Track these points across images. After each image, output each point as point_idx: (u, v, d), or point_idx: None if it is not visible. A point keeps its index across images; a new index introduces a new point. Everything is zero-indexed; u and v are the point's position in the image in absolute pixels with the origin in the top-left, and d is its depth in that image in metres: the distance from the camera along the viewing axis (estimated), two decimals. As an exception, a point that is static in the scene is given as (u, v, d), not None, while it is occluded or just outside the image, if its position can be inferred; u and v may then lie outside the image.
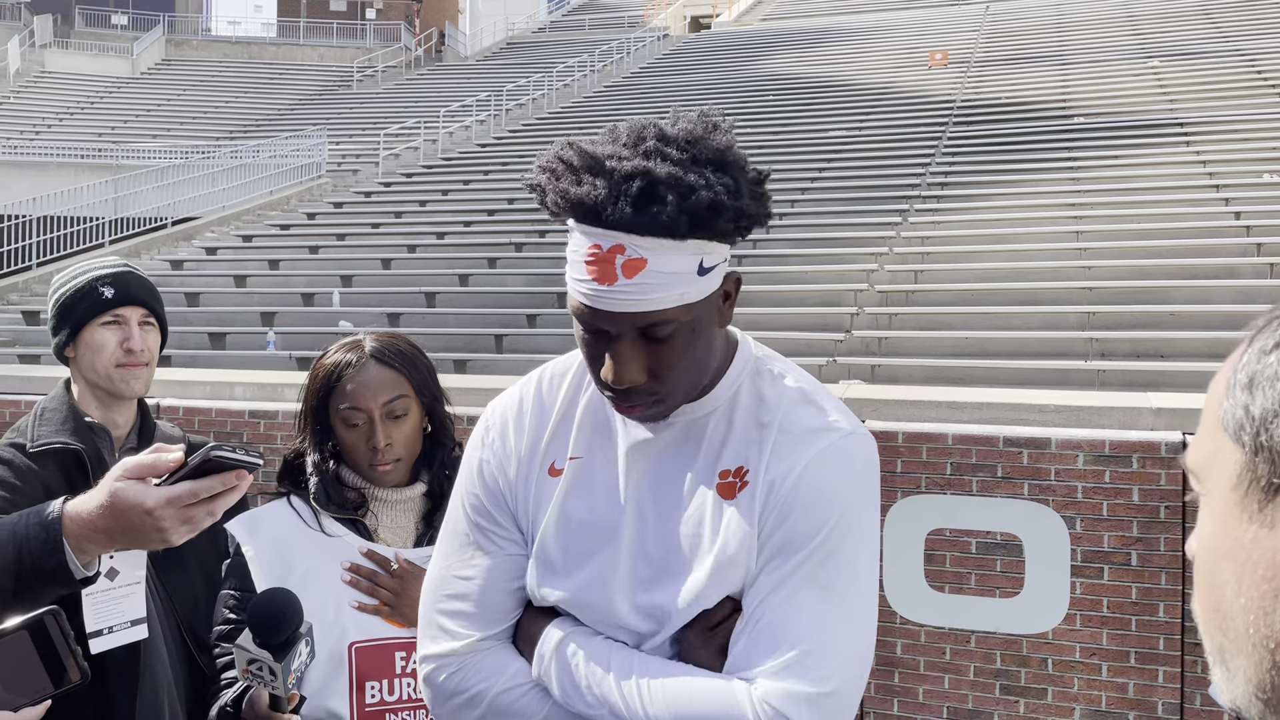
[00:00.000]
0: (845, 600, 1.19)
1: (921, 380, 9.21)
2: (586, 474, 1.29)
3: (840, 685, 1.16)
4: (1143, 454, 4.04)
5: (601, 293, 1.16)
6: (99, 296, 1.95)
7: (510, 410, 1.36)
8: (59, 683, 1.06)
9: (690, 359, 1.20)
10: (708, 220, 1.15)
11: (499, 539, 1.32)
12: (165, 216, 19.03)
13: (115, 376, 1.95)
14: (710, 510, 1.23)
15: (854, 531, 1.21)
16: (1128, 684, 4.03)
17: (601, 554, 1.26)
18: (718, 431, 1.26)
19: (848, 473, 1.22)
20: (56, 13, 36.06)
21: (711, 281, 1.20)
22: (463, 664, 1.28)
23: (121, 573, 1.67)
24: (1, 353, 12.43)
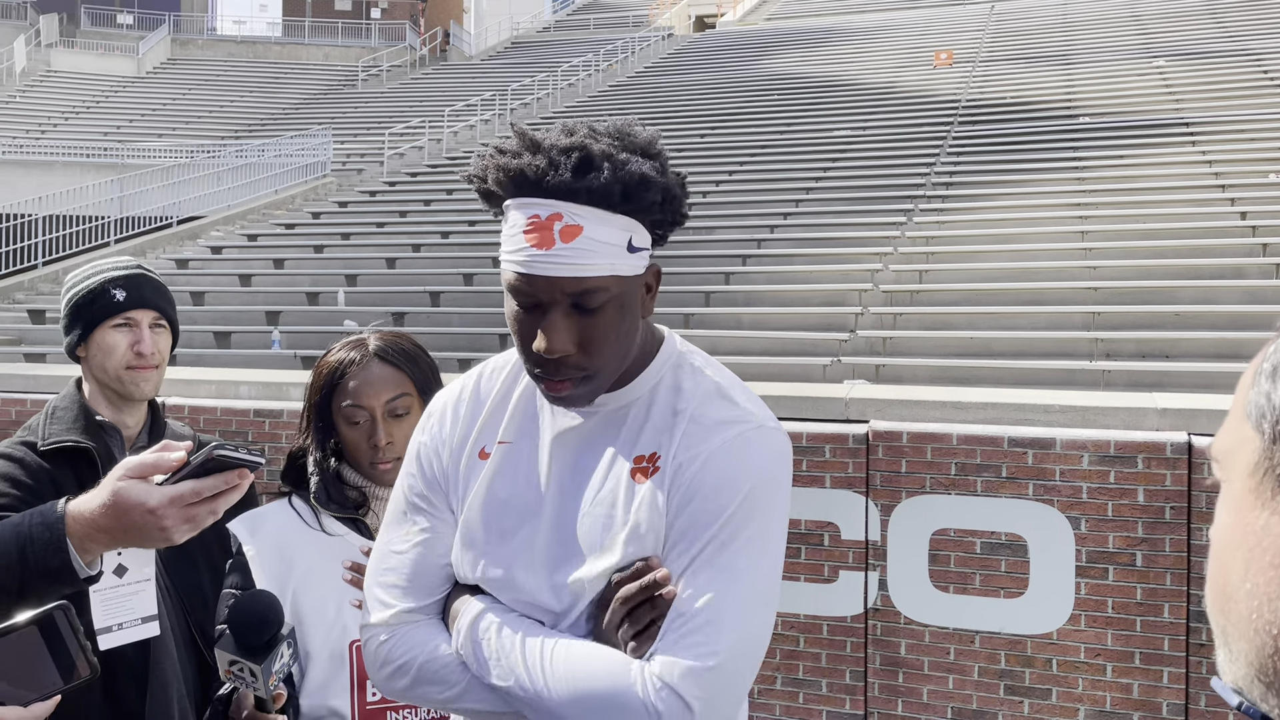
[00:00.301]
0: (740, 581, 1.23)
1: (926, 380, 9.20)
2: (513, 458, 1.36)
3: (726, 660, 1.21)
4: (1148, 454, 4.03)
5: (539, 258, 1.23)
6: (111, 299, 1.96)
7: (450, 400, 1.44)
8: (69, 678, 1.06)
9: (617, 337, 1.27)
10: (639, 191, 1.23)
11: (432, 517, 1.39)
12: (170, 215, 19.06)
13: (125, 378, 1.96)
14: (623, 492, 1.28)
15: (756, 517, 1.25)
16: (1132, 685, 4.02)
17: (520, 533, 1.33)
18: (637, 420, 1.32)
19: (753, 461, 1.27)
20: (62, 12, 36.14)
21: (638, 262, 1.28)
22: (393, 633, 1.36)
23: (130, 569, 1.68)
24: (7, 351, 12.45)
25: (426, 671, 1.33)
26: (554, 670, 1.25)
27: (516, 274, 1.27)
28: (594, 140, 1.26)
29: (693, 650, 1.21)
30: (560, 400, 1.30)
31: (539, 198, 1.24)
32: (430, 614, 1.38)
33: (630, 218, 1.26)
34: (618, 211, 1.24)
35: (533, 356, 1.27)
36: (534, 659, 1.26)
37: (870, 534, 4.37)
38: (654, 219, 1.28)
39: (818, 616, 4.42)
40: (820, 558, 4.40)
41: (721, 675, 1.22)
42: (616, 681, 1.22)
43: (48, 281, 16.44)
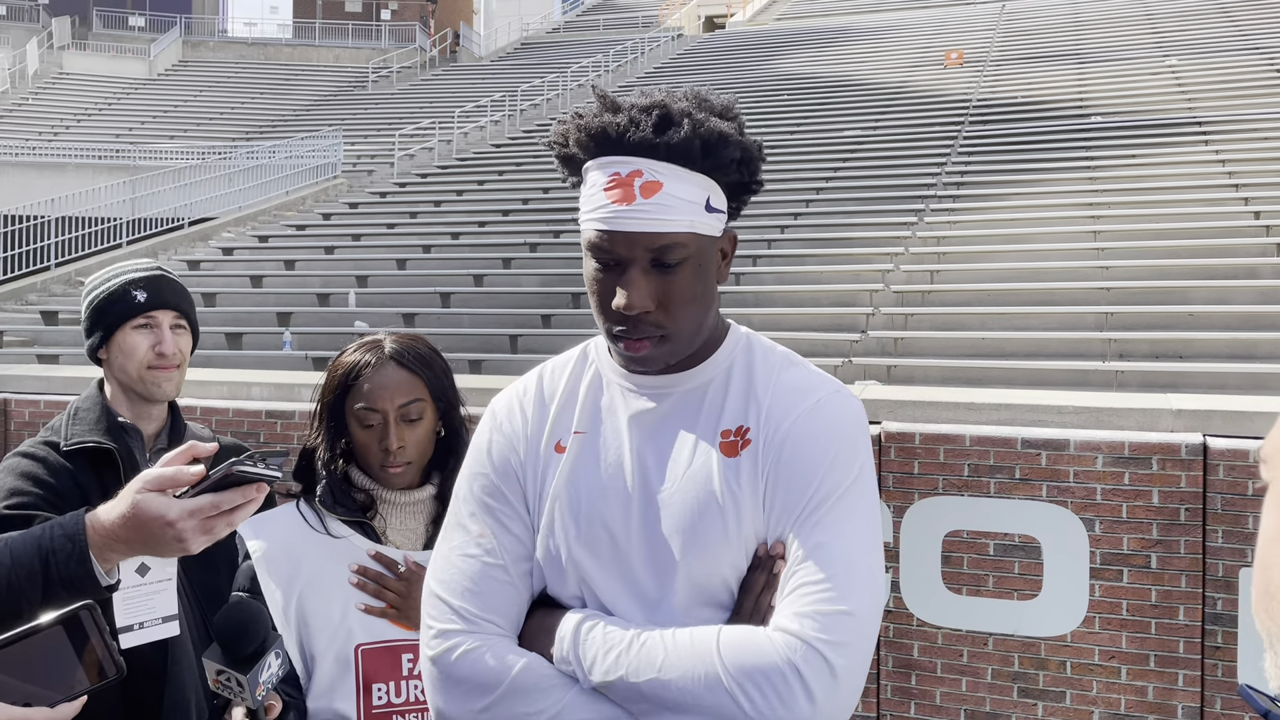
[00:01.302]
0: (848, 533, 1.24)
1: (937, 381, 9.17)
2: (591, 446, 1.33)
3: (857, 606, 1.20)
4: (1162, 456, 4.01)
5: (620, 213, 1.25)
6: (132, 300, 1.97)
7: (515, 398, 1.42)
8: (95, 678, 1.06)
9: (694, 297, 1.27)
10: (718, 148, 1.26)
11: (507, 518, 1.34)
12: (182, 217, 19.13)
13: (147, 379, 1.98)
14: (717, 469, 1.27)
15: (850, 472, 1.27)
16: (1147, 687, 4.00)
17: (609, 519, 1.29)
18: (716, 397, 1.32)
19: (838, 423, 1.29)
20: (74, 14, 36.31)
21: (715, 223, 1.29)
22: (476, 644, 1.27)
23: (153, 569, 1.69)
24: (21, 352, 12.51)
25: (520, 684, 1.24)
26: (670, 651, 1.20)
27: (597, 231, 1.27)
28: (673, 101, 1.28)
29: (822, 601, 1.19)
30: (637, 360, 1.29)
31: (620, 155, 1.26)
32: (509, 629, 1.30)
33: (708, 176, 1.27)
34: (697, 169, 1.26)
35: (611, 315, 1.27)
36: (650, 645, 1.21)
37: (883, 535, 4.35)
38: (731, 180, 1.29)
39: (830, 618, 4.40)
40: (832, 559, 4.38)
41: (856, 621, 1.20)
42: (746, 647, 1.19)
43: (60, 283, 16.52)
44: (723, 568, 1.26)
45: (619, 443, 1.32)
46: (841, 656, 1.18)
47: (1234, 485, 3.92)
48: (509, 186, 18.85)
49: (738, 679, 1.17)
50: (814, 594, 1.20)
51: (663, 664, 1.19)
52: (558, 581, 1.32)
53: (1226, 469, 3.93)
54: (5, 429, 5.74)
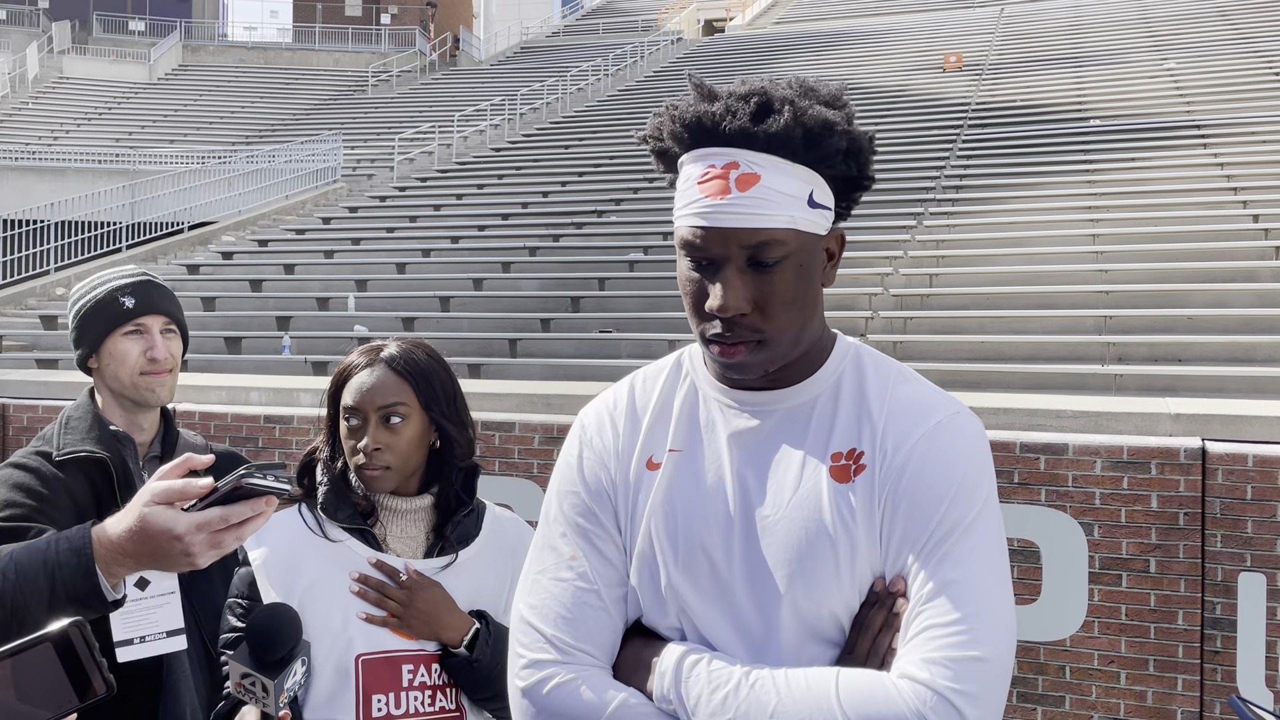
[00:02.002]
0: (977, 568, 1.14)
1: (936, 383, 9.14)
2: (687, 465, 1.24)
3: (989, 651, 1.10)
4: (1161, 460, 4.01)
5: (714, 207, 1.15)
6: (120, 307, 1.96)
7: (605, 410, 1.32)
8: (84, 696, 1.05)
9: (795, 300, 1.17)
10: (821, 137, 1.16)
11: (600, 540, 1.25)
12: (182, 221, 19.14)
13: (140, 385, 1.97)
14: (827, 495, 1.18)
15: (975, 502, 1.17)
16: (1146, 692, 4.00)
17: (708, 544, 1.21)
18: (825, 415, 1.22)
19: (961, 447, 1.19)
20: (74, 19, 36.34)
21: (819, 220, 1.19)
22: (570, 676, 1.19)
23: (153, 582, 1.68)
24: (20, 357, 12.51)
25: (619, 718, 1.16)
26: (784, 695, 1.10)
27: (690, 227, 1.17)
28: (775, 88, 1.20)
29: (953, 646, 1.09)
30: (733, 367, 1.20)
31: (715, 146, 1.18)
32: (604, 660, 1.21)
33: (812, 169, 1.18)
34: (798, 161, 1.17)
35: (705, 317, 1.18)
36: (762, 687, 1.11)
37: (881, 540, 4.35)
38: (837, 172, 1.20)
39: (829, 623, 4.40)
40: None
41: (989, 667, 1.10)
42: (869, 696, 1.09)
43: (60, 287, 16.51)
44: (833, 603, 1.16)
45: (719, 462, 1.23)
46: (975, 708, 1.08)
47: (1233, 490, 3.92)
48: (508, 190, 18.86)
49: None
50: (944, 638, 1.10)
51: (775, 709, 1.10)
52: (655, 609, 1.23)
53: (1225, 473, 3.93)
54: (4, 434, 5.74)
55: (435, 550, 1.83)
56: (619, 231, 15.68)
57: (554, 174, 19.25)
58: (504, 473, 4.89)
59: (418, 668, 1.74)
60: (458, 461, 1.85)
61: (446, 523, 1.84)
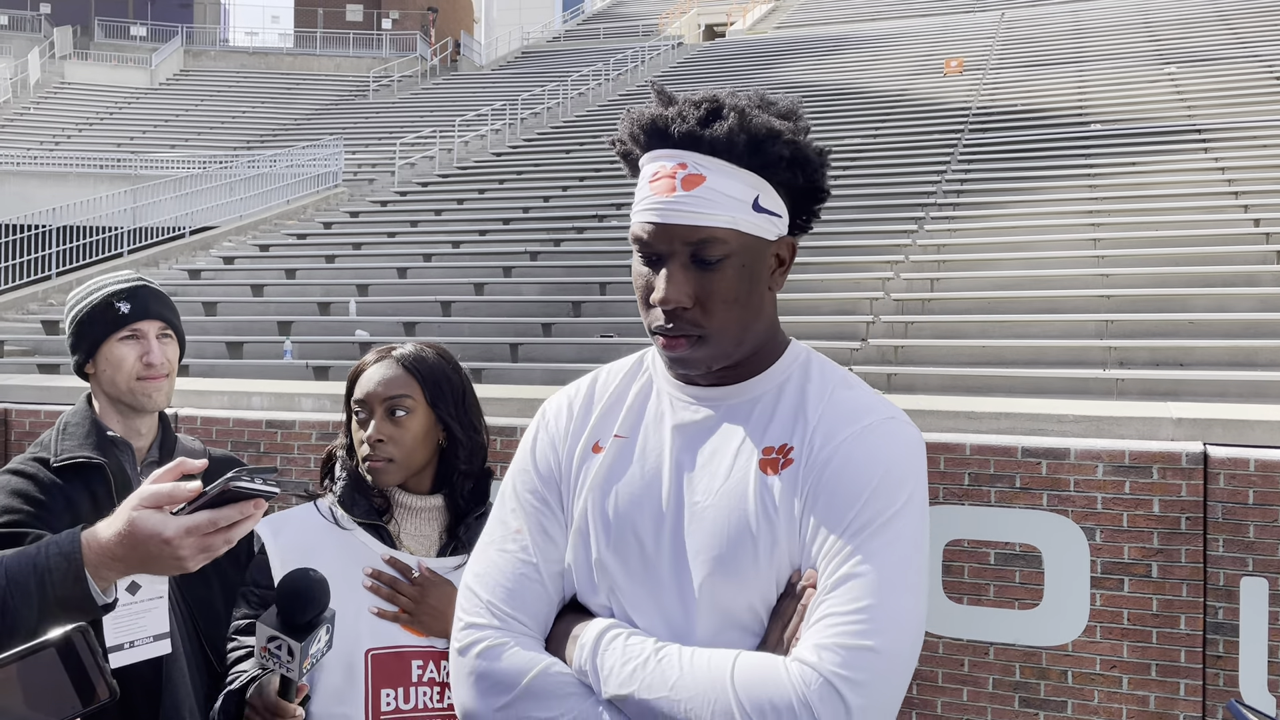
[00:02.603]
0: (886, 564, 1.16)
1: (938, 389, 9.17)
2: (630, 450, 1.31)
3: (884, 642, 1.13)
4: (1163, 464, 4.01)
5: (661, 205, 1.22)
6: (116, 313, 1.96)
7: (566, 397, 1.40)
8: (88, 701, 1.06)
9: (737, 299, 1.23)
10: (764, 143, 1.22)
11: (544, 518, 1.32)
12: (183, 226, 19.15)
13: (137, 390, 1.96)
14: (753, 485, 1.22)
15: (894, 501, 1.19)
16: (1149, 697, 3.99)
17: (640, 526, 1.26)
18: (764, 412, 1.27)
19: (886, 448, 1.22)
20: (76, 24, 36.41)
21: (765, 224, 1.24)
22: (500, 640, 1.25)
23: (144, 587, 1.68)
24: (21, 362, 12.52)
25: (536, 687, 1.21)
26: (685, 671, 1.16)
27: (640, 223, 1.25)
28: (729, 97, 1.26)
29: (846, 634, 1.13)
30: (676, 361, 1.26)
31: (667, 148, 1.25)
32: (536, 630, 1.28)
33: (757, 175, 1.23)
34: (744, 166, 1.23)
35: (650, 309, 1.26)
36: (668, 663, 1.17)
37: (883, 545, 4.34)
38: (783, 179, 1.25)
39: (830, 628, 4.40)
40: (833, 569, 4.38)
41: (881, 658, 1.12)
42: (760, 677, 1.13)
43: (61, 292, 16.53)
44: (750, 592, 1.21)
45: (659, 450, 1.29)
46: (859, 695, 1.11)
47: (1235, 494, 3.92)
48: (510, 195, 18.87)
49: (748, 709, 1.12)
50: (840, 625, 1.13)
51: (675, 683, 1.15)
52: (587, 587, 1.29)
53: (1227, 478, 3.93)
54: (6, 439, 5.74)
55: (448, 549, 1.86)
56: (620, 236, 15.69)
57: (555, 179, 19.27)
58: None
59: (427, 663, 1.76)
60: (461, 464, 1.88)
61: (458, 524, 1.87)
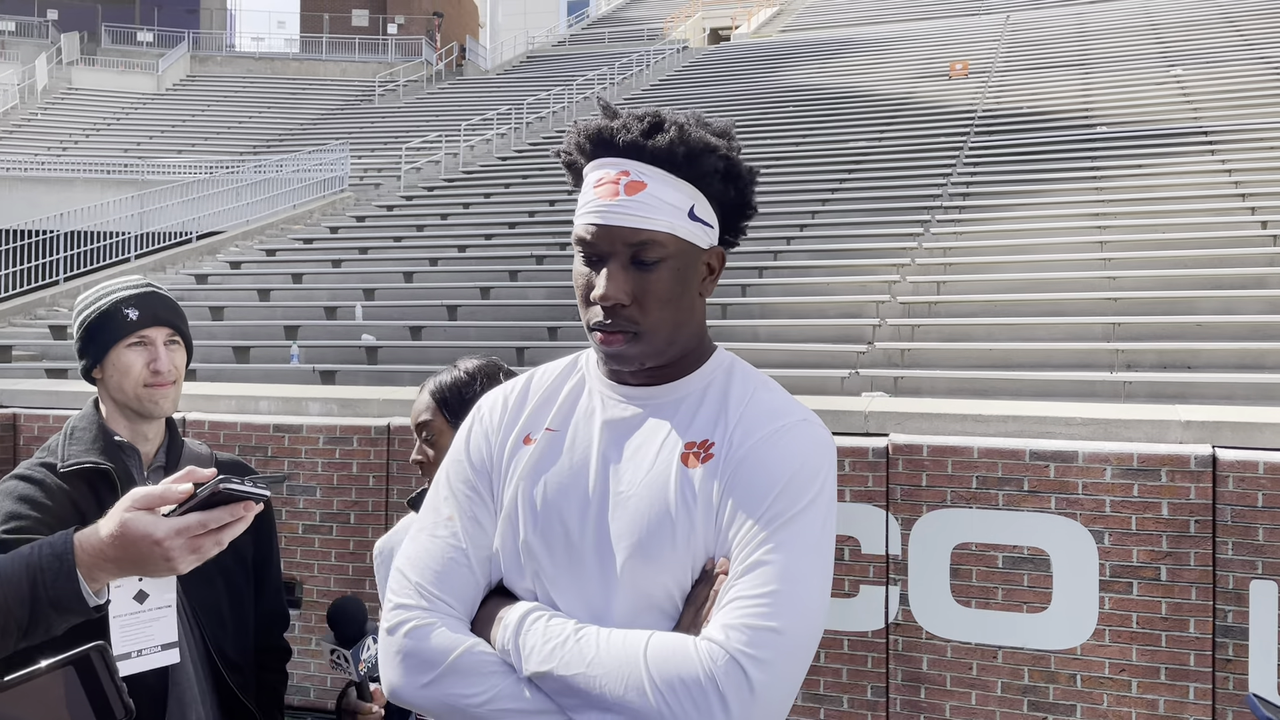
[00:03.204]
0: (792, 554, 1.24)
1: (944, 392, 9.16)
2: (559, 442, 1.38)
3: (787, 623, 1.20)
4: (1172, 467, 4.00)
5: (605, 208, 1.31)
6: (124, 319, 1.96)
7: (502, 393, 1.48)
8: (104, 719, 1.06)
9: (670, 299, 1.32)
10: (701, 156, 1.32)
11: (475, 505, 1.38)
12: (190, 231, 19.20)
13: (144, 397, 1.96)
14: (674, 476, 1.30)
15: (803, 495, 1.27)
16: (1158, 700, 3.98)
17: (565, 513, 1.33)
18: (689, 411, 1.35)
19: (798, 446, 1.30)
20: (83, 30, 36.54)
21: (699, 232, 1.34)
22: (425, 622, 1.31)
23: (151, 595, 1.67)
24: (30, 367, 12.56)
25: (460, 665, 1.27)
26: (601, 649, 1.22)
27: (584, 225, 1.33)
28: (669, 113, 1.36)
29: (752, 615, 1.20)
30: (612, 356, 1.34)
31: (611, 157, 1.34)
32: (462, 613, 1.33)
33: (693, 185, 1.33)
34: (681, 176, 1.32)
35: (590, 306, 1.33)
36: (586, 642, 1.23)
37: (891, 548, 4.34)
38: (715, 191, 1.34)
39: (838, 631, 4.40)
40: (840, 572, 4.38)
41: (784, 639, 1.20)
42: (671, 654, 1.20)
43: (69, 297, 16.58)
44: (667, 576, 1.27)
45: (588, 443, 1.36)
46: (762, 672, 1.18)
47: (1244, 497, 3.91)
48: (515, 199, 18.90)
49: (659, 684, 1.19)
50: (747, 607, 1.21)
51: (592, 660, 1.22)
52: (513, 571, 1.35)
53: (1236, 480, 3.92)
54: (14, 443, 5.76)
55: None
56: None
57: (561, 183, 19.28)
58: (512, 481, 4.89)
59: None
60: None
61: None
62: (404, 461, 5.12)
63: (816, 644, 1.26)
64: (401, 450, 5.13)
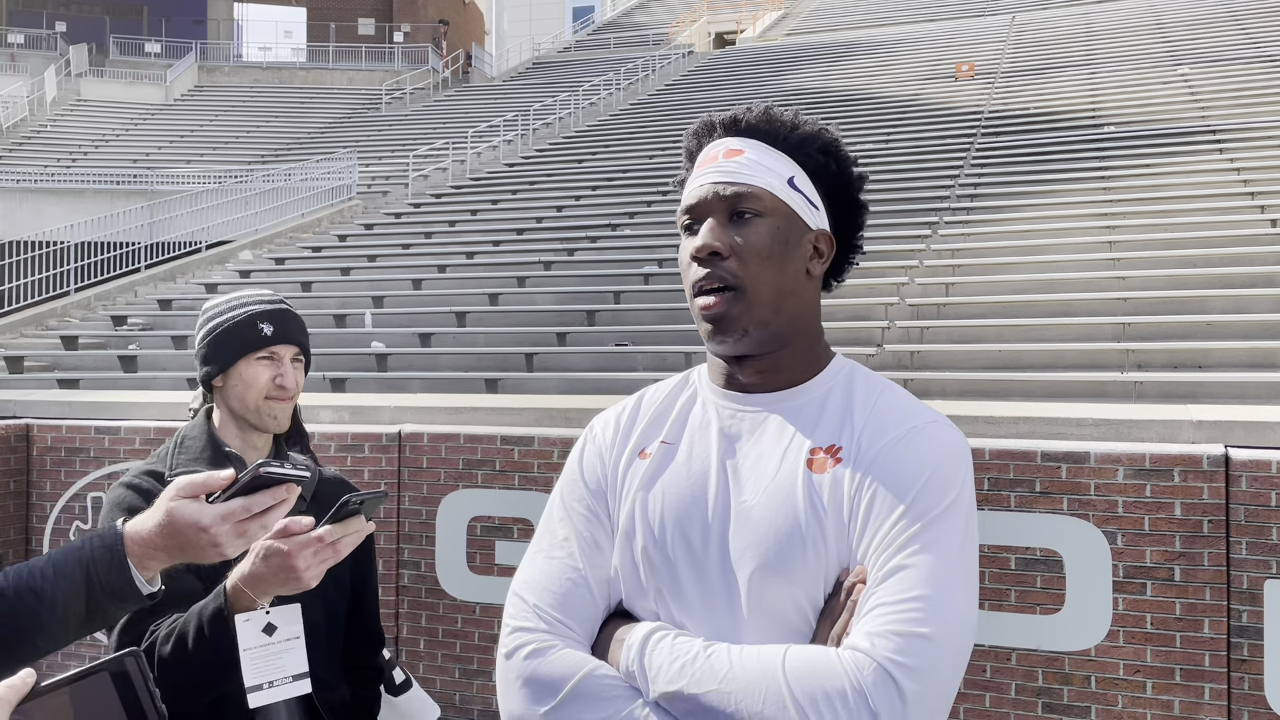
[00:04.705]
0: (937, 558, 1.17)
1: (955, 393, 9.14)
2: (676, 454, 1.33)
3: (938, 630, 1.13)
4: (1184, 467, 3.99)
5: (703, 174, 1.33)
6: (259, 333, 2.00)
7: (614, 413, 1.44)
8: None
9: (771, 255, 1.28)
10: (794, 128, 1.35)
11: (591, 526, 1.34)
12: (200, 241, 19.27)
13: (264, 409, 2.01)
14: (801, 484, 1.24)
15: (944, 498, 1.20)
16: (1173, 701, 3.96)
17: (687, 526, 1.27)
18: (811, 416, 1.30)
19: (934, 448, 1.23)
20: (91, 42, 36.71)
21: (800, 203, 1.32)
22: (547, 644, 1.25)
23: (279, 628, 1.73)
24: (41, 377, 12.61)
25: (584, 689, 1.21)
26: (735, 665, 1.15)
27: (687, 196, 1.34)
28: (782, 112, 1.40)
29: (899, 621, 1.13)
30: (712, 320, 1.28)
31: (715, 139, 1.37)
32: (583, 636, 1.27)
33: (791, 158, 1.33)
34: (777, 147, 1.33)
35: (690, 272, 1.31)
36: (717, 659, 1.17)
37: (903, 551, 4.33)
38: (816, 165, 1.34)
39: (851, 635, 4.39)
40: (853, 575, 4.37)
41: (934, 645, 1.12)
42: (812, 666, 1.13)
43: (79, 308, 16.65)
44: (798, 591, 1.21)
45: (706, 454, 1.31)
46: (914, 681, 1.11)
47: (1257, 496, 3.90)
48: (523, 205, 18.93)
49: (800, 697, 1.11)
50: (892, 613, 1.14)
51: (725, 676, 1.15)
52: (634, 590, 1.30)
53: (1249, 480, 3.91)
54: (28, 454, 5.79)
55: None
56: (633, 245, 15.72)
57: (568, 188, 19.32)
58: (523, 487, 4.90)
59: None
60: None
61: None
62: (415, 468, 5.13)
63: (969, 652, 1.18)
64: (413, 457, 5.15)
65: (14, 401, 6.58)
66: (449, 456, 5.07)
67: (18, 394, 7.38)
